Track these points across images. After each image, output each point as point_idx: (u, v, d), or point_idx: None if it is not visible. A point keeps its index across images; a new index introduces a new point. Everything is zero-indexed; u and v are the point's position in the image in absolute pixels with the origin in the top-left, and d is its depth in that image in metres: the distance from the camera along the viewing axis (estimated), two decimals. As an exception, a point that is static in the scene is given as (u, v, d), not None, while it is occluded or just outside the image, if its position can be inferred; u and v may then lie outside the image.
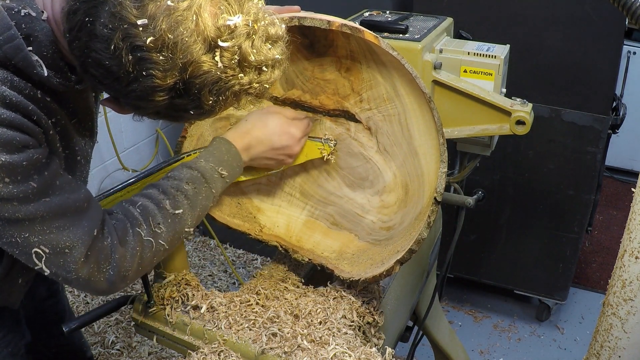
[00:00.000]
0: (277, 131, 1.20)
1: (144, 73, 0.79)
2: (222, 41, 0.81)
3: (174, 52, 0.78)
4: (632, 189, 1.00)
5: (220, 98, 0.85)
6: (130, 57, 0.77)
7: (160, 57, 0.78)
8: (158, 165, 1.21)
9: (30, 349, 1.34)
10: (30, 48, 0.85)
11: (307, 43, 1.27)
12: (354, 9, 1.70)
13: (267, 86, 0.90)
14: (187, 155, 1.22)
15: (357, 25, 1.15)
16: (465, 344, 2.27)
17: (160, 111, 0.87)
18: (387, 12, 1.65)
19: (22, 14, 0.84)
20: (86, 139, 1.08)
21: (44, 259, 0.90)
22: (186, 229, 1.05)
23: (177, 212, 1.03)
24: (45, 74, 0.86)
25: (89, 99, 1.05)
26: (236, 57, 0.83)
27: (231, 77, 0.84)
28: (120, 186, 1.15)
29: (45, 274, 0.93)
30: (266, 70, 0.88)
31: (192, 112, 0.87)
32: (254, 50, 0.84)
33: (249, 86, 0.87)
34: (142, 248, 0.99)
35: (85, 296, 2.65)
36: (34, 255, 0.90)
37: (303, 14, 1.17)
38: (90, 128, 1.08)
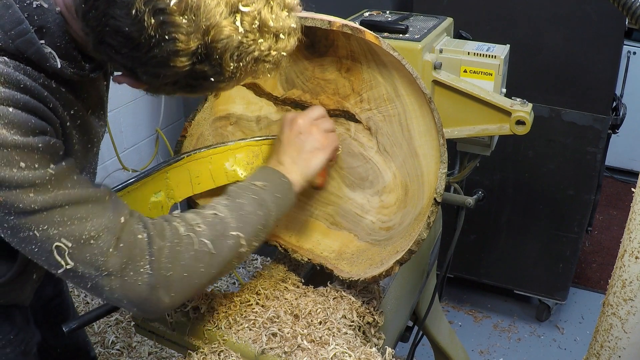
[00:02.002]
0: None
1: (166, 37, 0.77)
2: (243, 6, 0.80)
3: (197, 15, 0.77)
4: (632, 189, 1.00)
5: (241, 64, 0.84)
6: (153, 20, 0.76)
7: (184, 20, 0.77)
8: (158, 165, 1.21)
9: (39, 348, 1.35)
10: (42, 41, 0.84)
11: (308, 43, 1.27)
12: (354, 9, 1.70)
13: (284, 54, 0.89)
14: (187, 155, 1.22)
15: (357, 25, 1.15)
16: (465, 344, 2.27)
17: (179, 80, 0.85)
18: (387, 12, 1.65)
19: (34, 5, 0.84)
20: (102, 129, 1.07)
21: (66, 253, 0.84)
22: (233, 232, 0.98)
23: (217, 213, 0.99)
24: (59, 66, 0.86)
25: (101, 87, 1.04)
26: (256, 22, 0.82)
27: (252, 42, 0.83)
28: (120, 186, 1.15)
29: (70, 277, 0.86)
30: (283, 37, 0.87)
31: (212, 79, 0.84)
32: (273, 16, 0.84)
33: (267, 52, 0.86)
34: (180, 242, 0.92)
35: (85, 296, 2.65)
36: (55, 251, 0.83)
37: (304, 14, 1.17)
38: (103, 117, 1.07)
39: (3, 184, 0.80)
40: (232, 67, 0.83)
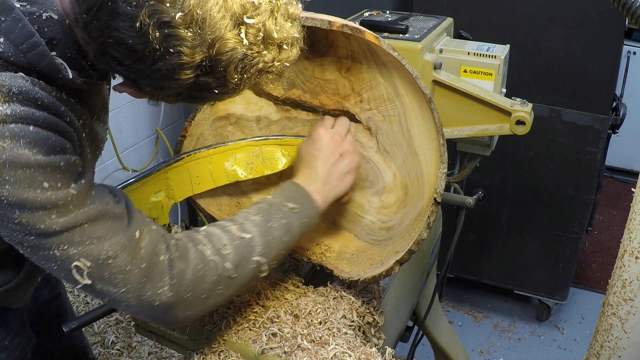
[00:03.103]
0: (308, 148, 1.17)
1: (171, 50, 0.77)
2: (248, 18, 0.80)
3: (202, 28, 0.77)
4: (632, 189, 1.00)
5: (245, 76, 0.83)
6: (157, 33, 0.75)
7: (189, 33, 0.76)
8: (158, 165, 1.21)
9: (35, 352, 1.34)
10: (54, 52, 0.83)
11: (308, 43, 1.26)
12: (354, 9, 1.70)
13: (287, 64, 0.89)
14: (187, 155, 1.22)
15: (357, 25, 1.15)
16: (465, 344, 2.27)
17: (182, 92, 0.84)
18: (387, 12, 1.65)
19: (44, 17, 0.83)
20: (105, 133, 1.07)
21: (85, 272, 0.84)
22: (256, 258, 0.98)
23: (244, 235, 0.98)
24: (71, 76, 0.85)
25: (105, 92, 1.04)
26: (261, 33, 0.82)
27: (256, 54, 0.82)
28: (120, 186, 1.15)
29: (89, 292, 0.87)
30: (286, 48, 0.87)
31: (215, 91, 0.84)
32: (277, 28, 0.84)
33: (271, 64, 0.85)
34: (205, 266, 0.92)
35: (85, 296, 2.65)
36: (74, 270, 0.83)
37: (304, 14, 1.17)
38: (106, 121, 1.07)
39: (26, 206, 0.78)
40: (236, 79, 0.83)
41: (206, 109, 1.36)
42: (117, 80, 0.91)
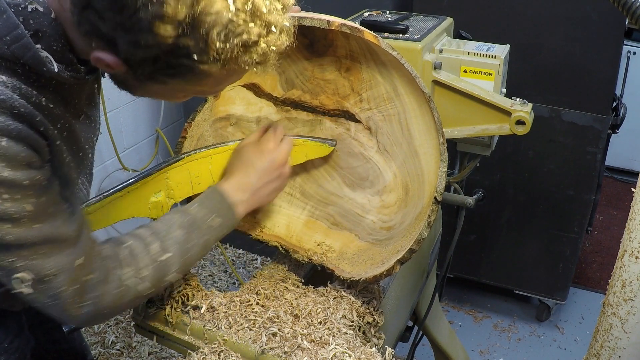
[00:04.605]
0: (252, 155, 1.19)
1: None
2: None
3: None
4: (632, 189, 1.00)
5: (227, 46, 0.80)
6: None
7: None
8: (158, 165, 1.21)
9: (33, 354, 1.34)
10: (38, 45, 0.83)
11: (307, 43, 1.27)
12: (354, 9, 1.70)
13: (274, 49, 0.86)
14: (187, 155, 1.22)
15: (356, 25, 1.15)
16: (465, 344, 2.27)
17: (159, 56, 0.81)
18: (387, 12, 1.65)
19: (29, 9, 0.83)
20: (94, 133, 1.07)
21: (26, 283, 0.88)
22: (171, 275, 1.04)
23: (163, 257, 1.01)
24: (56, 70, 0.85)
25: (92, 90, 1.03)
26: (250, 4, 0.80)
27: (242, 23, 0.80)
28: (120, 186, 1.15)
29: (25, 298, 0.91)
30: (275, 31, 0.84)
31: (195, 57, 0.80)
32: (267, 3, 0.82)
33: (257, 40, 0.82)
34: (123, 290, 0.98)
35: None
36: (17, 279, 0.88)
37: (303, 14, 1.17)
38: (96, 121, 1.07)
39: None
40: (217, 47, 0.80)
41: (206, 110, 1.36)
42: (107, 80, 0.90)
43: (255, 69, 0.88)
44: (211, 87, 0.93)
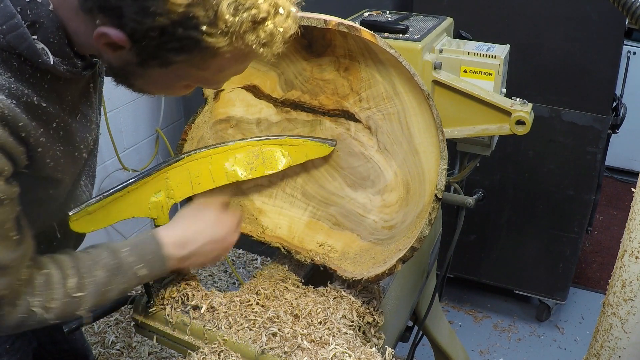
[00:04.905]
0: (212, 223, 1.17)
1: None
2: None
3: None
4: (632, 189, 1.00)
5: (236, 19, 0.79)
6: None
7: None
8: (158, 165, 1.21)
9: (35, 355, 1.34)
10: (35, 36, 0.82)
11: (305, 43, 1.27)
12: (354, 9, 1.70)
13: (281, 30, 0.85)
14: (187, 155, 1.22)
15: (354, 23, 1.15)
16: (465, 344, 2.27)
17: (167, 28, 0.79)
18: (387, 12, 1.65)
19: (27, 0, 0.82)
20: (90, 133, 1.05)
21: None
22: (81, 311, 1.00)
23: (78, 294, 0.98)
24: (52, 62, 0.84)
25: (88, 88, 1.02)
26: None
27: None
28: (120, 186, 1.15)
29: None
30: (282, 13, 0.83)
31: (203, 29, 0.78)
32: None
33: (265, 16, 0.81)
34: (27, 316, 0.95)
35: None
36: None
37: (300, 14, 1.17)
38: (93, 120, 1.05)
39: None
40: (226, 19, 0.78)
41: (206, 112, 1.36)
42: (109, 80, 0.88)
43: (261, 49, 0.85)
44: (214, 74, 0.90)
